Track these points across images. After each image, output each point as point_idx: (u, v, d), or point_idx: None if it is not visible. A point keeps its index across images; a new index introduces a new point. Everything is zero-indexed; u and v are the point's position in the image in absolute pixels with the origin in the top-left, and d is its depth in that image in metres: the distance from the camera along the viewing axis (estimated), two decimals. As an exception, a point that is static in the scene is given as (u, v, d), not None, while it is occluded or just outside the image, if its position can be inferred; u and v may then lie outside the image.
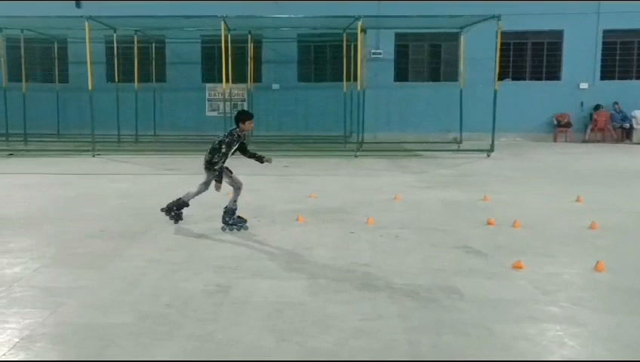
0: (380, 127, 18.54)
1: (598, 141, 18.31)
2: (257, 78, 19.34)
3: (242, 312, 4.04)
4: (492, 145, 14.42)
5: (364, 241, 6.05)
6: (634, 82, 18.89)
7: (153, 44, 19.14)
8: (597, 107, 18.65)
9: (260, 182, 10.25)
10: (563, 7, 18.20)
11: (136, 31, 17.68)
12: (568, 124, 18.87)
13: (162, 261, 5.30)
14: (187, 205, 6.75)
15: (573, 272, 4.97)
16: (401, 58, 19.80)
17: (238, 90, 18.91)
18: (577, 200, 8.20)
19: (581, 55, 18.79)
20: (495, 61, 14.46)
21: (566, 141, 18.48)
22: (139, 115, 18.03)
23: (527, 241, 6.04)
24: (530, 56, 19.49)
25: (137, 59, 17.76)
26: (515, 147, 16.72)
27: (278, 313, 4.01)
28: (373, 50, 19.11)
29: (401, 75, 19.80)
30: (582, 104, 18.90)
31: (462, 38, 16.76)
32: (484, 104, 14.77)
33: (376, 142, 16.85)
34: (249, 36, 17.94)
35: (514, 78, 19.21)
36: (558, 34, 19.06)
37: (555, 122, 18.95)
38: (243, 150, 6.56)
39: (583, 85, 18.86)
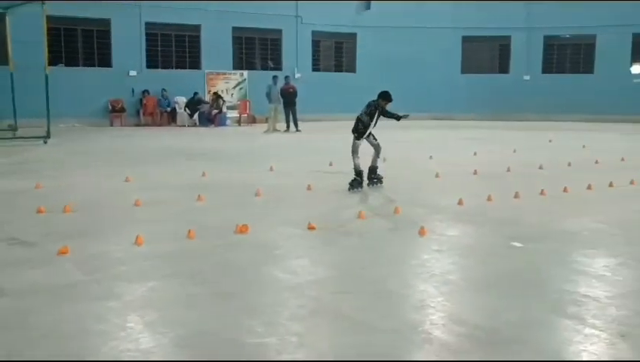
0: None
1: (149, 124, 19.37)
2: None
3: None
4: (48, 132, 13.61)
5: None
6: (174, 71, 20.60)
7: None
8: (145, 93, 19.66)
9: None
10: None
11: None
12: (122, 109, 19.34)
13: None
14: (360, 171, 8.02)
15: (116, 249, 5.18)
16: None
17: None
18: (127, 179, 8.53)
19: (128, 44, 19.36)
20: (43, 45, 13.63)
21: (121, 125, 18.92)
22: None
23: (77, 225, 6.00)
24: (81, 43, 19.03)
25: None
26: (73, 132, 16.20)
27: None
28: None
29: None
30: (133, 90, 19.61)
31: (8, 20, 15.04)
32: (39, 89, 13.73)
33: None
34: None
35: (67, 64, 18.46)
36: (106, 22, 19.13)
37: (110, 107, 19.16)
38: (384, 115, 8.03)
39: (133, 73, 19.57)
